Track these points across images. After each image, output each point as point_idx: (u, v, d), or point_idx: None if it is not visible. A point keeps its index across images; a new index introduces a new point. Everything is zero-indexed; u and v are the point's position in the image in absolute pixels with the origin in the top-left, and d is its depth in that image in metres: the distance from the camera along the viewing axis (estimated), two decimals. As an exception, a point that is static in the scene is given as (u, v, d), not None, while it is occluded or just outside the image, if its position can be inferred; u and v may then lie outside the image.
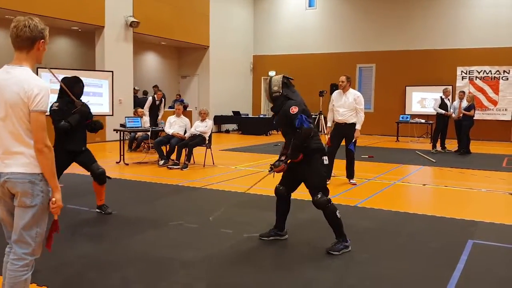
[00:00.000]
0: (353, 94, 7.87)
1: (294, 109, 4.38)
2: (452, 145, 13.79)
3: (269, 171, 4.67)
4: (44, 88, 2.62)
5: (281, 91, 4.54)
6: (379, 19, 19.16)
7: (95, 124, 5.86)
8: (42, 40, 2.70)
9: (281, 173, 4.68)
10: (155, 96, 12.87)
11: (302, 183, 4.64)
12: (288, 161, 4.54)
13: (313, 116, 18.71)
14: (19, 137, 2.63)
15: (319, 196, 4.41)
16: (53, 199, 2.72)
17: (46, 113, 2.65)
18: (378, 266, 4.20)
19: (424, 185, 8.32)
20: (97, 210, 5.87)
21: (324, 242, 4.64)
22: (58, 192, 2.72)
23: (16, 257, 2.68)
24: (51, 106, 5.49)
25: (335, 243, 4.49)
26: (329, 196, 4.48)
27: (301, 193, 4.93)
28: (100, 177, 5.73)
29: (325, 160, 4.54)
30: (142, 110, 12.45)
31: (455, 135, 13.22)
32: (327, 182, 7.93)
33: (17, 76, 2.60)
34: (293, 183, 4.70)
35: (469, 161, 11.56)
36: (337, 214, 4.46)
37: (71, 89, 5.54)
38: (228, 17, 20.27)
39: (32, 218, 2.67)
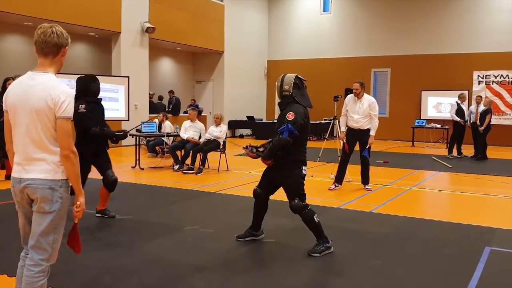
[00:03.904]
0: (367, 100, 7.81)
1: (290, 116, 4.46)
2: (468, 150, 13.63)
3: (244, 147, 4.85)
4: (70, 94, 2.65)
5: (291, 91, 4.60)
6: (394, 24, 19.06)
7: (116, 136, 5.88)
8: (67, 47, 2.75)
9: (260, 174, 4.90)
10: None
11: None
12: (262, 160, 4.66)
13: (327, 120, 18.58)
14: (42, 144, 2.65)
15: (296, 201, 4.50)
16: (78, 202, 2.75)
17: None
18: (393, 273, 4.16)
19: (440, 191, 8.24)
20: (97, 214, 5.84)
21: (338, 248, 4.63)
22: (82, 196, 2.76)
23: (32, 263, 2.70)
24: (78, 108, 5.42)
25: (316, 245, 4.55)
26: (305, 202, 4.54)
27: (319, 198, 4.92)
28: (113, 184, 5.72)
29: (304, 170, 4.60)
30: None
31: (472, 141, 13.08)
32: (338, 188, 7.97)
33: (43, 83, 2.63)
34: (271, 187, 4.81)
35: (485, 166, 11.41)
36: (315, 218, 4.53)
37: (88, 88, 5.57)
38: (243, 23, 20.35)
39: (50, 224, 2.69)
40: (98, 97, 5.75)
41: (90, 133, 5.48)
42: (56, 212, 2.70)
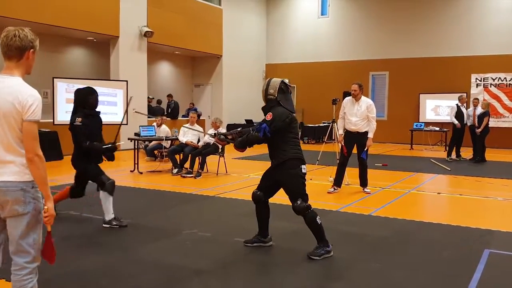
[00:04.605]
0: (365, 102, 7.80)
1: (268, 116, 4.56)
2: (467, 153, 13.65)
3: (212, 135, 4.91)
4: (37, 98, 2.65)
5: (275, 95, 4.65)
6: (392, 27, 19.10)
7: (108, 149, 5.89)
8: (32, 50, 2.73)
9: (260, 179, 4.90)
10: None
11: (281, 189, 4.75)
12: (234, 147, 4.74)
13: (326, 124, 18.58)
14: (10, 146, 2.65)
15: (298, 202, 4.50)
16: (45, 207, 2.72)
17: (39, 121, 2.66)
18: (392, 275, 4.16)
19: (439, 193, 8.24)
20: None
21: (337, 251, 4.62)
22: (50, 201, 2.72)
23: (17, 268, 2.71)
24: (74, 120, 5.53)
25: (316, 248, 4.55)
26: (308, 202, 4.54)
27: (318, 201, 4.91)
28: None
29: (303, 168, 4.60)
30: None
31: (471, 143, 13.08)
32: (337, 191, 7.97)
33: (11, 86, 2.64)
34: (270, 189, 4.79)
35: (484, 169, 11.42)
36: (317, 220, 4.53)
37: (85, 100, 5.62)
38: (241, 26, 20.38)
39: (26, 225, 2.68)
40: (97, 109, 5.79)
41: (84, 147, 5.58)
42: (30, 213, 2.68)
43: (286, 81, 4.80)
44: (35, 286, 2.74)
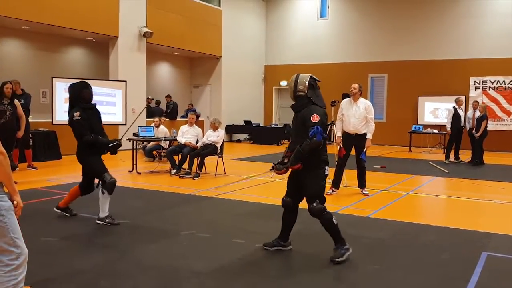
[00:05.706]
0: (363, 103, 7.82)
1: (315, 118, 4.35)
2: (465, 155, 13.67)
3: (270, 169, 4.65)
4: None
5: (306, 92, 4.50)
6: (391, 29, 19.14)
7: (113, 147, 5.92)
8: None
9: (286, 182, 4.73)
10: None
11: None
12: (289, 168, 4.50)
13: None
14: None
15: (315, 204, 4.43)
16: (14, 202, 2.74)
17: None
18: (390, 278, 4.16)
19: (437, 196, 8.24)
20: (56, 210, 6.04)
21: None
22: (16, 194, 2.75)
23: (2, 264, 2.72)
24: (73, 116, 5.61)
25: (335, 249, 4.52)
26: (325, 205, 4.49)
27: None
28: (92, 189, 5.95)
29: (327, 170, 4.54)
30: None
31: (469, 146, 13.10)
32: (335, 192, 7.97)
33: None
34: (298, 193, 4.67)
35: (482, 172, 11.44)
36: (334, 220, 4.48)
37: (80, 95, 5.67)
38: (240, 28, 20.40)
39: None
40: (92, 102, 5.84)
41: (83, 141, 5.59)
42: None
43: (314, 76, 4.62)
44: (20, 283, 2.75)
